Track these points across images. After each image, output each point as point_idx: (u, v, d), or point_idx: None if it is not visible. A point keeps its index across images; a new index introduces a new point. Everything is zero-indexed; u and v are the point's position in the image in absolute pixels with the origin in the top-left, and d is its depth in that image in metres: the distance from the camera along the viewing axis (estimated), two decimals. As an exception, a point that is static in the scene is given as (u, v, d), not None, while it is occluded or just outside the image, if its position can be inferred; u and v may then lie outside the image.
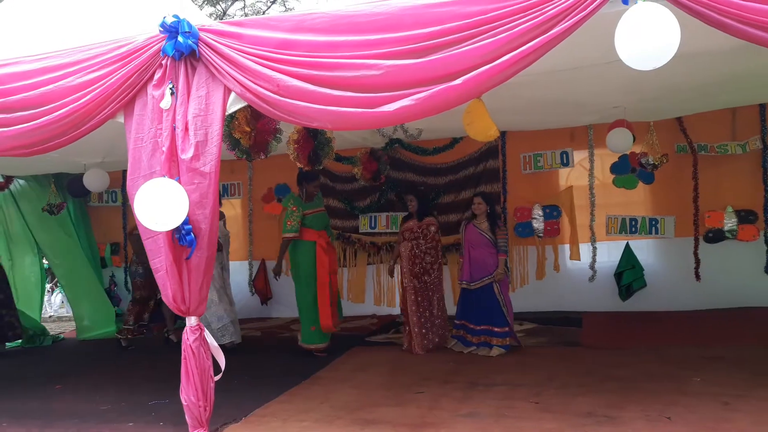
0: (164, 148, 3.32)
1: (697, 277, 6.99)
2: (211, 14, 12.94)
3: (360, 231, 8.05)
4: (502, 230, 5.85)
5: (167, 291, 3.42)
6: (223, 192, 8.53)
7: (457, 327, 6.00)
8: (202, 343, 3.48)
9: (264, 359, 6.08)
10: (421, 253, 6.13)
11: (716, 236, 6.94)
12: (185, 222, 3.24)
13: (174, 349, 5.97)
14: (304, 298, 6.04)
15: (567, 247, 7.40)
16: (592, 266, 7.35)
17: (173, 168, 3.32)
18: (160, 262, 3.41)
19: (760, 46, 2.71)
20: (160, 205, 3.12)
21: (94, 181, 7.37)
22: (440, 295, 6.22)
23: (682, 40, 2.75)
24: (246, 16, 13.34)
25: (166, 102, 3.33)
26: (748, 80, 5.15)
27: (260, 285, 8.30)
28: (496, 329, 5.72)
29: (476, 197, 5.98)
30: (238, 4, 13.73)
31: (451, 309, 6.44)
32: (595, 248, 7.34)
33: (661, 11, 2.65)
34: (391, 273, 6.56)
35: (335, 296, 6.16)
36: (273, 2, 13.62)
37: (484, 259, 5.79)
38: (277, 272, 6.25)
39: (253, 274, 8.42)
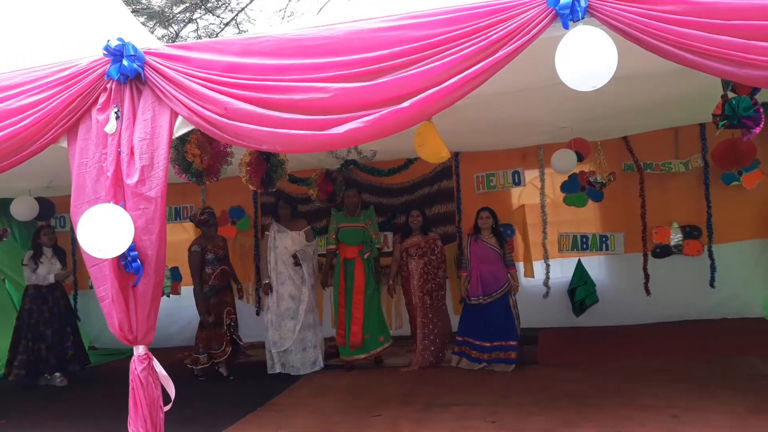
0: (109, 173, 3.24)
1: (647, 291, 7.16)
2: (163, 36, 12.77)
3: (317, 253, 7.99)
4: (508, 244, 5.92)
5: (113, 320, 3.31)
6: (176, 215, 8.36)
7: (459, 343, 5.93)
8: (150, 373, 3.37)
9: (218, 386, 5.96)
10: (434, 269, 6.14)
11: (663, 251, 7.14)
12: (131, 248, 3.16)
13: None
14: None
15: (521, 264, 7.47)
16: (546, 283, 7.45)
17: (118, 193, 3.24)
18: (105, 290, 3.31)
19: (696, 70, 2.82)
20: (104, 232, 3.03)
21: (22, 210, 7.09)
22: (445, 311, 6.27)
23: (624, 62, 2.84)
24: (199, 38, 13.24)
25: (111, 126, 3.26)
26: (688, 101, 5.34)
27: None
28: (511, 343, 5.71)
29: (483, 212, 6.01)
30: (191, 26, 13.60)
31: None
32: (548, 265, 7.46)
33: (598, 34, 2.74)
34: (392, 292, 6.47)
35: (358, 314, 6.18)
36: (226, 25, 13.55)
37: (495, 274, 5.81)
38: (323, 283, 6.49)
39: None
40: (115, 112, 3.29)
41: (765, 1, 2.62)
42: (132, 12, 7.00)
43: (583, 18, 2.81)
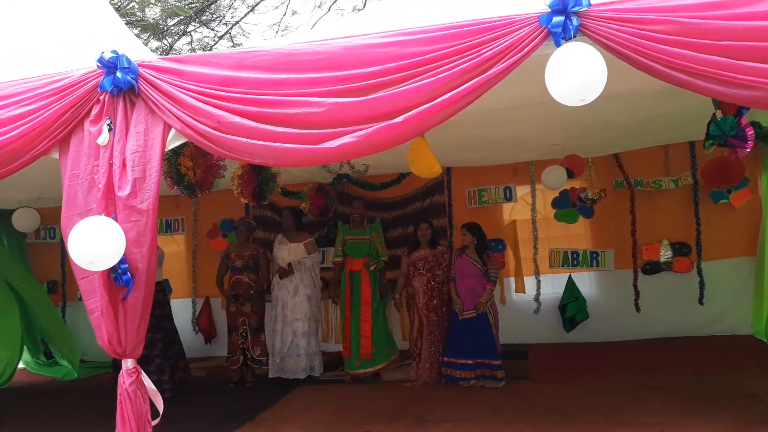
0: (101, 185, 3.23)
1: (637, 308, 7.17)
2: (157, 48, 12.79)
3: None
4: (492, 260, 5.88)
5: (102, 333, 3.28)
6: (167, 228, 8.34)
7: (445, 365, 5.87)
8: (138, 387, 3.34)
9: (207, 400, 5.90)
10: (438, 285, 6.08)
11: (653, 268, 7.17)
12: (122, 261, 3.15)
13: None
14: None
15: (512, 280, 7.48)
16: (536, 299, 7.45)
17: (110, 205, 3.23)
18: (94, 302, 3.28)
19: (685, 89, 2.86)
20: (95, 245, 3.01)
21: (24, 221, 7.11)
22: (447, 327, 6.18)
23: (615, 81, 2.87)
24: (193, 50, 13.27)
25: (104, 138, 3.26)
26: (678, 119, 5.40)
27: (204, 323, 8.09)
28: (494, 362, 5.69)
29: (462, 228, 6.00)
30: (185, 39, 13.65)
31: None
32: (539, 281, 7.46)
33: (588, 50, 2.77)
34: (398, 307, 6.48)
35: (367, 326, 6.21)
36: (220, 38, 13.60)
37: (474, 289, 5.78)
38: (333, 297, 6.65)
39: (197, 312, 8.21)
40: (108, 124, 3.29)
41: (754, 23, 2.67)
42: (126, 24, 7.02)
43: (575, 36, 2.84)
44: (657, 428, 4.07)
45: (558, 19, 2.83)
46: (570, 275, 7.30)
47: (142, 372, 3.40)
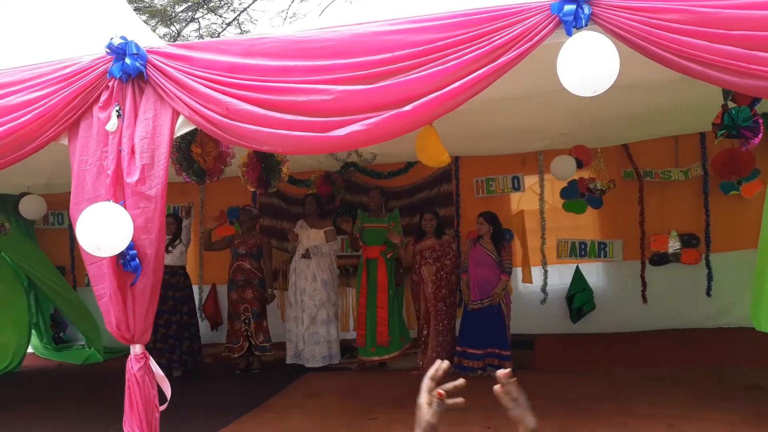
0: (109, 172, 3.23)
1: (644, 299, 7.16)
2: (165, 35, 12.77)
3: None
4: (506, 251, 5.87)
5: (111, 318, 3.30)
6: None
7: (458, 354, 5.88)
8: (146, 372, 3.36)
9: (214, 387, 5.95)
10: (447, 275, 6.09)
11: (661, 259, 7.14)
12: (130, 247, 3.16)
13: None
14: None
15: (519, 270, 7.46)
16: (543, 289, 7.45)
17: (118, 192, 3.23)
18: (103, 288, 3.30)
19: (697, 79, 2.83)
20: (103, 230, 3.02)
21: (31, 208, 7.19)
22: (455, 315, 6.20)
23: (625, 71, 2.85)
24: (201, 37, 13.25)
25: (112, 124, 3.25)
26: (688, 110, 5.35)
27: (210, 310, 8.13)
28: (503, 353, 5.70)
29: (479, 217, 5.99)
30: (193, 26, 13.62)
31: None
32: (546, 271, 7.45)
33: (600, 39, 2.74)
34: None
35: (384, 312, 6.23)
36: (228, 24, 13.56)
37: (488, 278, 5.79)
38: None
39: (203, 299, 8.25)
40: (117, 111, 3.28)
41: (768, 12, 2.63)
42: (134, 10, 6.99)
43: (586, 25, 2.81)
44: (664, 419, 4.08)
45: (569, 7, 2.79)
46: (577, 266, 7.28)
47: (150, 358, 3.41)
